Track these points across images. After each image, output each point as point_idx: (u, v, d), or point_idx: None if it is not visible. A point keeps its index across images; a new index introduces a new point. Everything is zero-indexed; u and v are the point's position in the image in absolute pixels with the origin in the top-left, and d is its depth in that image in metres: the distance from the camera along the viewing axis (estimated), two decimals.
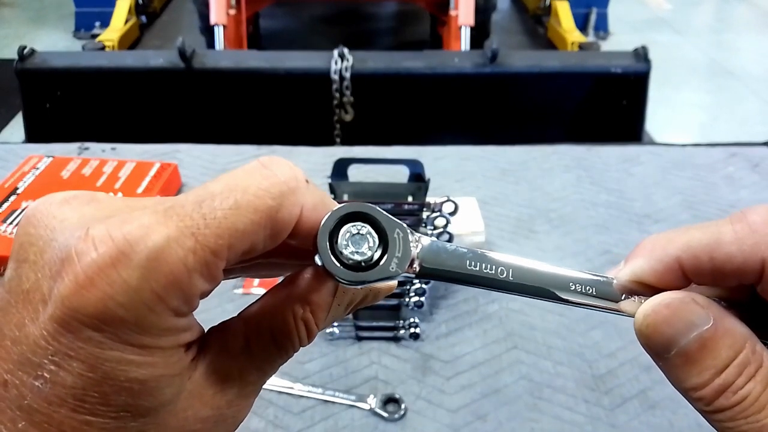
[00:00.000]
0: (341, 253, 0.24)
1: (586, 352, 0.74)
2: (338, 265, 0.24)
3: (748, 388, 0.23)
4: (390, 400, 0.68)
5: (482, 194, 0.99)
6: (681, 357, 0.24)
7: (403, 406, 0.67)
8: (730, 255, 0.24)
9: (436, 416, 0.67)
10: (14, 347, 0.21)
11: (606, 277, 0.27)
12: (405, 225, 0.25)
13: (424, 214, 0.78)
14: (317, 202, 0.24)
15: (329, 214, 0.24)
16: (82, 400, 0.21)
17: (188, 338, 0.23)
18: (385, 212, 0.25)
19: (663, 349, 0.24)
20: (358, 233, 0.24)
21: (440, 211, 0.78)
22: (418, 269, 0.25)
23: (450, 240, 0.78)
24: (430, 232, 0.77)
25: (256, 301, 0.26)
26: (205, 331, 0.25)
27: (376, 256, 0.24)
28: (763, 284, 0.24)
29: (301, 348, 0.26)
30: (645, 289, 0.26)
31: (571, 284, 0.26)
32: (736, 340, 0.24)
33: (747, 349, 0.23)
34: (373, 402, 0.67)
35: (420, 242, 0.25)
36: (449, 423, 0.66)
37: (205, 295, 0.22)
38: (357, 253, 0.24)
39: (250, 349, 0.25)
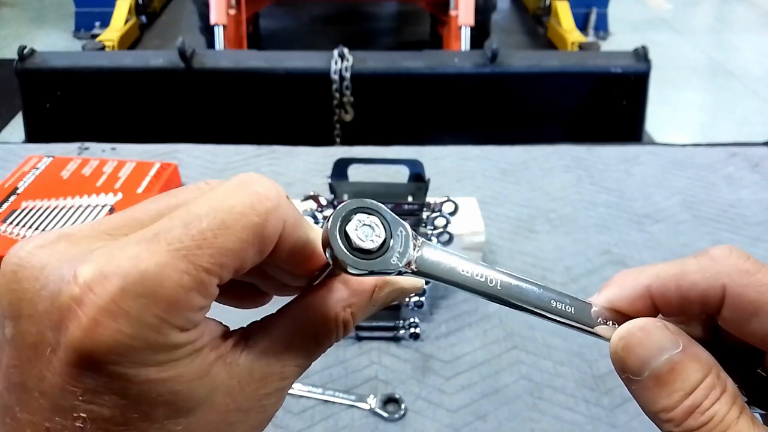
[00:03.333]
0: (351, 241, 0.25)
1: (586, 352, 0.74)
2: (348, 252, 0.25)
3: (715, 409, 0.24)
4: (390, 400, 0.68)
5: (482, 194, 0.99)
6: (653, 379, 0.25)
7: (403, 406, 0.67)
8: (695, 282, 0.26)
9: (436, 416, 0.67)
10: (42, 398, 0.21)
11: (586, 301, 0.29)
12: (407, 225, 0.27)
13: (424, 214, 0.78)
14: (297, 219, 0.25)
15: (342, 205, 0.26)
16: (126, 425, 0.22)
17: (205, 340, 0.24)
18: (390, 212, 0.26)
19: (636, 370, 0.26)
20: (366, 224, 0.25)
21: (440, 211, 0.78)
22: (415, 269, 0.26)
23: (450, 240, 0.78)
24: (430, 232, 0.77)
25: (298, 299, 0.28)
26: (246, 324, 0.27)
27: (381, 248, 0.26)
28: (724, 311, 0.26)
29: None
30: (617, 315, 0.28)
31: (552, 302, 0.28)
32: (703, 365, 0.25)
33: (713, 374, 0.25)
34: (373, 402, 0.67)
35: (422, 245, 0.27)
36: (449, 423, 0.66)
37: (205, 309, 0.23)
38: (365, 241, 0.25)
39: (292, 347, 0.26)
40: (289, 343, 0.26)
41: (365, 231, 0.25)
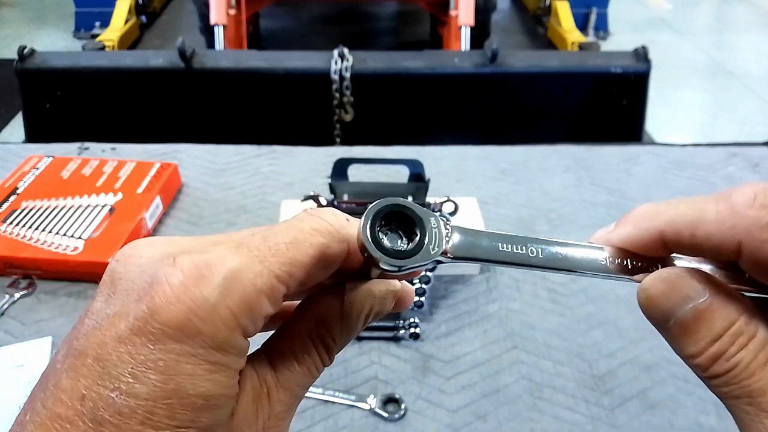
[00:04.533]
0: (384, 242, 0.26)
1: (586, 352, 0.74)
2: (382, 253, 0.26)
3: (740, 356, 0.24)
4: (390, 400, 0.68)
5: (482, 194, 0.99)
6: (678, 327, 0.26)
7: (403, 406, 0.67)
8: (710, 234, 0.25)
9: (436, 416, 0.67)
10: (96, 364, 0.23)
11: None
12: (437, 215, 0.27)
13: None
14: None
15: (368, 208, 0.26)
16: (151, 413, 0.22)
17: (243, 364, 0.25)
18: (419, 207, 0.27)
19: (661, 320, 0.26)
20: (397, 224, 0.27)
21: (440, 211, 0.78)
22: (452, 255, 0.27)
23: None
24: None
25: (277, 329, 0.29)
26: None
27: (413, 244, 0.27)
28: (742, 262, 0.25)
29: (324, 368, 0.29)
30: (629, 255, 0.28)
31: (602, 260, 0.28)
32: (731, 313, 0.25)
33: (741, 320, 0.25)
34: (373, 402, 0.67)
35: (452, 231, 0.28)
36: (449, 423, 0.66)
37: (266, 318, 0.25)
38: (396, 240, 0.26)
39: (275, 372, 0.27)
40: (271, 368, 0.27)
41: (395, 232, 0.26)
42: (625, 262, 0.28)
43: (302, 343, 0.28)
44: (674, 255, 0.28)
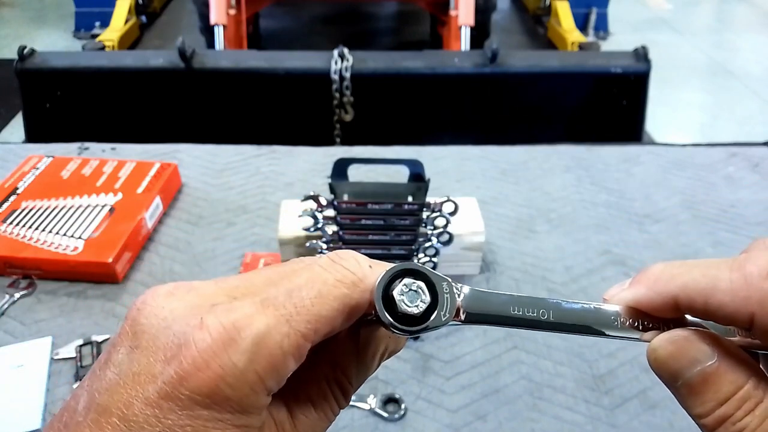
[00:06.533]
0: (397, 307, 0.26)
1: (586, 352, 0.74)
2: (393, 320, 0.26)
3: (746, 421, 0.25)
4: (390, 400, 0.68)
5: (482, 194, 0.99)
6: (686, 388, 0.26)
7: (403, 406, 0.67)
8: (723, 303, 0.25)
9: (436, 416, 0.67)
10: (121, 424, 0.23)
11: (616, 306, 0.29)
12: (449, 279, 0.27)
13: (424, 214, 0.78)
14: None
15: (383, 275, 0.26)
16: None
17: (264, 419, 0.26)
18: (433, 272, 0.27)
19: (670, 380, 0.27)
20: (411, 290, 0.26)
21: (440, 211, 0.78)
22: (464, 317, 0.27)
23: (450, 240, 0.78)
24: (429, 232, 0.77)
25: (293, 374, 0.28)
26: None
27: (425, 308, 0.26)
28: (755, 332, 0.25)
29: (341, 410, 0.28)
30: (641, 315, 0.28)
31: (614, 321, 0.28)
32: (739, 377, 0.25)
33: (749, 385, 0.25)
34: (373, 402, 0.67)
35: (462, 292, 0.27)
36: (449, 423, 0.66)
37: (290, 372, 0.25)
38: (411, 306, 0.26)
39: (292, 419, 0.27)
40: (289, 415, 0.27)
41: (411, 296, 0.26)
42: (636, 323, 0.28)
43: (319, 388, 0.28)
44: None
